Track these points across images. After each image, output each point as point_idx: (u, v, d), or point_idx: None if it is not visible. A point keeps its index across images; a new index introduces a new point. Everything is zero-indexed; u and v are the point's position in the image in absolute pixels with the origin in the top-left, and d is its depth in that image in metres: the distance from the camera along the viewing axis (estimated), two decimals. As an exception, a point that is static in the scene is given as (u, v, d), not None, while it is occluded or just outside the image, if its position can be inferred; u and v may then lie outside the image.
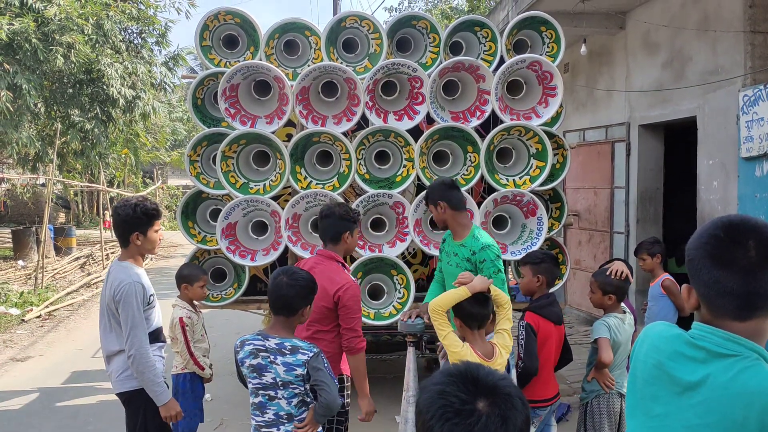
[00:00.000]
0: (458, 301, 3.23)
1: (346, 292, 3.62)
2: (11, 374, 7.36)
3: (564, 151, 5.46)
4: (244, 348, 2.97)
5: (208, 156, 5.43)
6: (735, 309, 1.51)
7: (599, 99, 8.86)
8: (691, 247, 1.58)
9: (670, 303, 5.00)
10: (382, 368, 6.74)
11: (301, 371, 2.87)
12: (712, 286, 1.52)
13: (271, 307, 3.04)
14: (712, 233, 1.54)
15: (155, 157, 27.86)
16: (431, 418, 1.24)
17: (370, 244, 5.20)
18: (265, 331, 3.04)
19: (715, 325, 1.54)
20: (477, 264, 3.88)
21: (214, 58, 5.58)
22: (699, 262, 1.54)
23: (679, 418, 1.54)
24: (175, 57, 16.18)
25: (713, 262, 1.52)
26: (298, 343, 2.93)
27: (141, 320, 3.44)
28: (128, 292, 3.43)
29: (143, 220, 3.53)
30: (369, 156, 5.23)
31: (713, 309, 1.54)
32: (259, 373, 2.91)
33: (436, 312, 3.23)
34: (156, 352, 3.63)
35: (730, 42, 6.19)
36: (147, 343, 3.46)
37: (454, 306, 3.27)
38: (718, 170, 6.39)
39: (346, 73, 5.02)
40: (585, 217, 9.14)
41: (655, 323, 1.74)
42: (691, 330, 1.60)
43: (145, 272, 3.65)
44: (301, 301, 3.01)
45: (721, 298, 1.51)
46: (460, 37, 5.63)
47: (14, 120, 12.50)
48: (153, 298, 3.61)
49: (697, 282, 1.56)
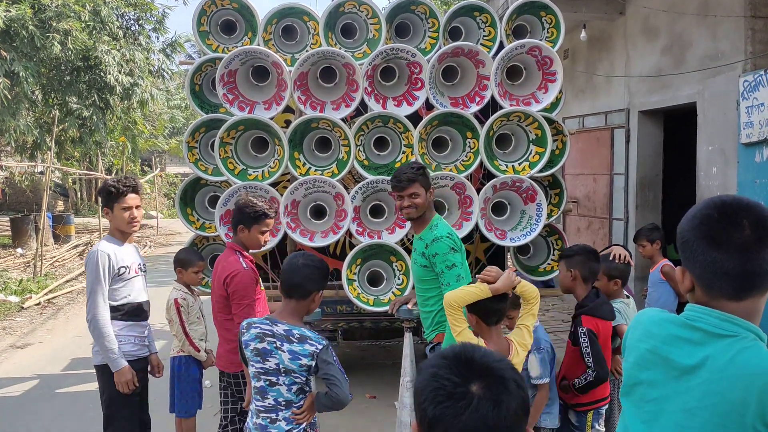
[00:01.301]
0: (477, 300, 2.97)
1: (233, 278, 3.67)
2: (11, 361, 7.38)
3: (563, 137, 5.44)
4: (250, 330, 2.95)
5: (206, 142, 5.41)
6: (732, 289, 1.50)
7: (599, 85, 8.83)
8: (684, 229, 1.56)
9: (670, 289, 5.02)
10: (381, 354, 6.76)
11: (306, 362, 2.84)
12: (708, 267, 1.50)
13: (283, 290, 3.02)
14: (705, 214, 1.53)
15: (153, 145, 27.79)
16: (424, 400, 1.23)
17: (369, 230, 5.19)
18: (273, 315, 3.01)
19: (710, 306, 1.53)
20: (430, 259, 3.64)
21: (212, 44, 5.54)
22: (693, 244, 1.53)
23: (676, 402, 1.54)
24: (172, 44, 16.13)
25: (708, 243, 1.50)
26: (307, 333, 2.90)
27: (100, 287, 3.60)
28: (90, 259, 3.63)
29: (107, 196, 3.72)
30: (368, 142, 5.21)
31: (709, 290, 1.53)
32: (263, 357, 2.89)
33: (452, 307, 2.99)
34: (126, 331, 3.76)
35: (730, 27, 6.16)
36: (104, 310, 3.61)
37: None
38: (717, 156, 6.38)
39: (345, 59, 4.99)
40: (584, 204, 9.14)
41: (646, 309, 1.73)
42: (684, 312, 1.60)
43: (129, 248, 3.83)
44: (314, 284, 2.99)
45: (718, 279, 1.50)
46: (460, 23, 5.60)
47: (12, 107, 12.48)
48: (126, 272, 3.73)
49: (692, 264, 1.55)
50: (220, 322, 3.82)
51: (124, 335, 3.74)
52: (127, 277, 3.74)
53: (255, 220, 3.77)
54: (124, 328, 3.75)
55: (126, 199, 3.74)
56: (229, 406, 3.87)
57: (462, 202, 5.14)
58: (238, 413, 3.85)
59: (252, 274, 3.76)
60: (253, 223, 3.77)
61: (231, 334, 3.70)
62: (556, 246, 5.59)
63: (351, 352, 7.11)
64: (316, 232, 5.12)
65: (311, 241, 5.04)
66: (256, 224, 3.78)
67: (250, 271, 3.75)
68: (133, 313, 3.79)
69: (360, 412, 5.50)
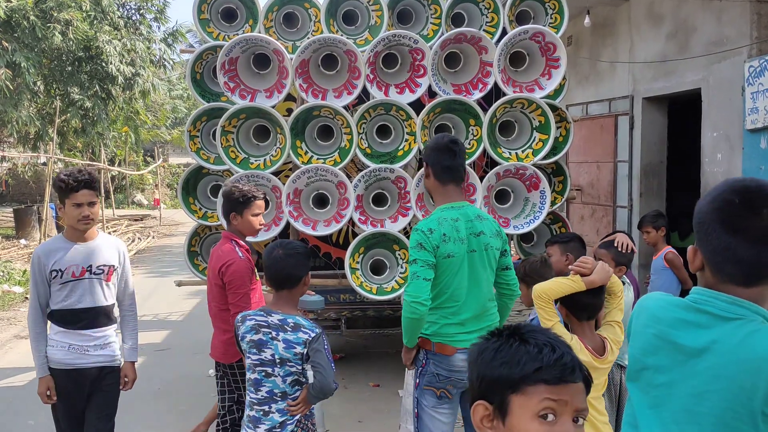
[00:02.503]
0: (570, 293, 2.77)
1: (228, 267, 3.61)
2: (15, 351, 7.40)
3: (567, 125, 5.40)
4: (245, 323, 2.95)
5: (207, 131, 5.38)
6: (742, 276, 1.47)
7: (602, 72, 8.77)
8: (702, 210, 1.53)
9: (673, 276, 5.00)
10: (385, 343, 6.76)
11: (300, 350, 2.84)
12: (721, 252, 1.48)
13: (272, 283, 3.00)
14: (726, 198, 1.49)
15: (156, 135, 27.77)
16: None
17: (372, 219, 5.17)
18: (267, 306, 3.01)
19: (717, 290, 1.51)
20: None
21: (213, 32, 5.51)
22: (709, 226, 1.50)
23: (684, 386, 1.52)
24: (173, 33, 16.07)
25: (725, 227, 1.47)
26: (301, 321, 2.90)
27: (32, 288, 3.44)
28: (31, 262, 3.46)
29: (59, 190, 3.41)
30: (370, 130, 5.18)
31: (719, 274, 1.51)
32: (258, 348, 2.89)
33: (542, 299, 2.78)
34: (57, 336, 3.45)
35: (735, 12, 6.09)
36: (33, 313, 3.43)
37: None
38: (722, 143, 6.33)
39: (347, 46, 4.95)
40: (588, 192, 9.10)
41: (651, 294, 1.71)
42: (690, 295, 1.57)
43: (82, 248, 3.45)
44: (302, 269, 2.98)
45: (730, 264, 1.48)
46: (462, 9, 5.55)
47: (14, 98, 12.47)
48: (57, 275, 3.39)
49: (705, 246, 1.52)
50: (215, 312, 3.78)
51: (57, 341, 3.44)
52: (62, 281, 3.39)
53: (245, 204, 3.72)
54: (57, 333, 3.46)
55: (77, 195, 3.35)
56: (226, 396, 3.86)
57: (465, 190, 5.11)
58: (236, 402, 3.85)
59: (247, 263, 3.71)
60: (244, 207, 3.73)
61: (226, 324, 3.64)
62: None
63: (354, 340, 7.12)
64: (319, 221, 5.11)
65: (314, 230, 5.02)
66: (247, 208, 3.73)
67: (246, 260, 3.71)
68: (65, 320, 3.45)
69: (363, 401, 5.51)
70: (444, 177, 3.32)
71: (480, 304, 3.29)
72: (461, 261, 3.23)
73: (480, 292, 3.28)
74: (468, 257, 3.25)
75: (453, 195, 3.35)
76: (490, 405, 1.24)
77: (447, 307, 3.25)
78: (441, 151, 3.34)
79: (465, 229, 3.25)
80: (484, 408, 1.25)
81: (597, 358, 2.71)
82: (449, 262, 3.20)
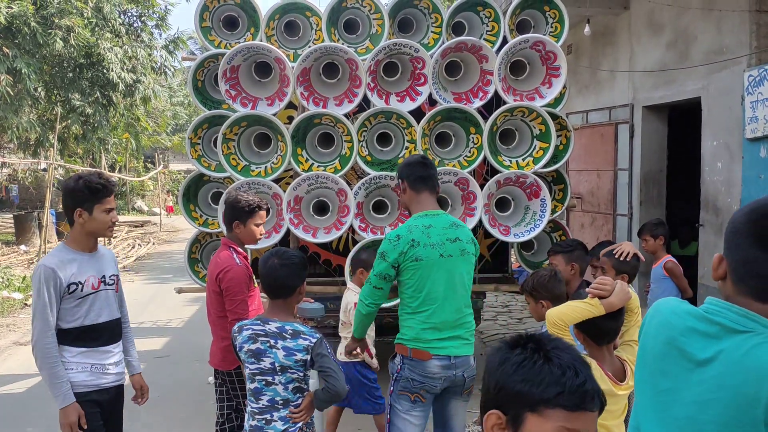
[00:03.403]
0: (589, 317, 2.54)
1: (226, 274, 3.60)
2: (14, 358, 7.38)
3: (567, 133, 5.42)
4: (242, 333, 2.94)
5: (209, 138, 5.40)
6: (762, 291, 1.47)
7: (603, 80, 8.80)
8: (738, 220, 1.53)
9: (673, 285, 4.99)
10: (385, 350, 6.74)
11: (301, 356, 2.83)
12: (746, 263, 1.48)
13: (268, 292, 3.00)
14: (765, 212, 1.48)
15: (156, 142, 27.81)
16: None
17: (372, 226, 5.17)
18: (264, 315, 3.00)
19: (733, 301, 1.51)
20: None
21: (214, 40, 5.53)
22: (741, 237, 1.50)
23: (689, 393, 1.53)
24: (175, 40, 16.10)
25: (757, 241, 1.47)
26: (300, 328, 2.90)
27: (44, 308, 3.03)
28: (35, 277, 3.06)
29: (86, 195, 3.14)
30: (371, 138, 5.20)
31: (739, 285, 1.51)
32: (257, 358, 2.88)
33: (557, 327, 2.58)
34: (80, 358, 3.14)
35: (735, 21, 6.12)
36: (46, 335, 3.04)
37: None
38: (722, 151, 6.35)
39: (348, 54, 4.97)
40: (588, 200, 9.11)
41: (667, 299, 1.71)
42: (704, 305, 1.58)
43: (92, 259, 3.23)
44: (297, 279, 2.98)
45: (752, 277, 1.48)
46: (463, 18, 5.57)
47: (14, 104, 12.48)
48: (77, 288, 3.12)
49: (732, 255, 1.52)
50: (214, 319, 3.78)
51: (76, 363, 3.13)
52: (81, 295, 3.13)
53: (250, 213, 3.74)
54: (76, 355, 3.14)
55: (109, 200, 3.21)
56: (224, 403, 3.86)
57: (465, 198, 5.12)
58: (234, 410, 3.84)
59: (245, 270, 3.70)
60: (248, 216, 3.74)
61: (225, 331, 3.60)
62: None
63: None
64: (319, 228, 5.11)
65: (314, 237, 5.03)
66: (251, 217, 3.74)
67: (243, 267, 3.70)
68: (86, 338, 3.17)
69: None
70: (418, 186, 3.49)
71: (456, 308, 3.39)
72: (432, 265, 3.33)
73: (455, 297, 3.39)
74: (443, 262, 3.36)
75: (427, 204, 3.50)
76: (503, 415, 1.26)
77: (423, 311, 3.36)
78: (413, 165, 3.55)
79: (439, 235, 3.38)
80: (497, 417, 1.27)
81: (617, 384, 2.55)
82: (418, 265, 3.33)
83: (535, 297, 3.32)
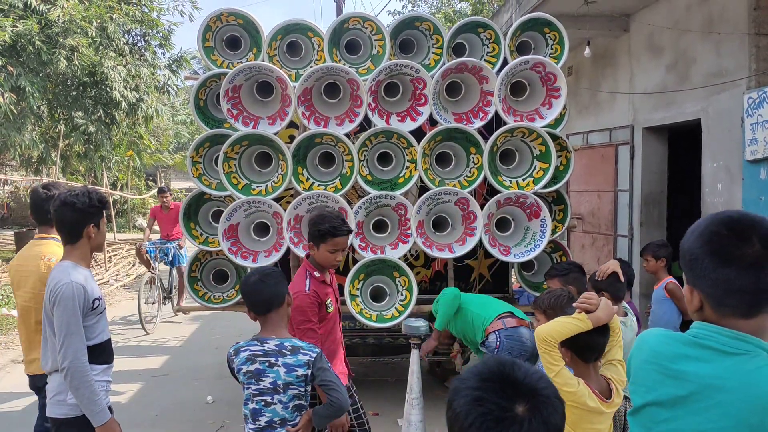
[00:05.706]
0: (577, 333, 2.59)
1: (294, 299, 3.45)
2: (12, 376, 7.34)
3: (567, 153, 5.43)
4: (239, 355, 2.90)
5: (210, 157, 5.42)
6: (745, 306, 1.47)
7: (603, 102, 8.83)
8: (691, 246, 1.53)
9: (674, 306, 4.97)
10: (384, 371, 6.71)
11: (302, 372, 2.82)
12: (720, 284, 1.47)
13: (257, 311, 2.96)
14: (713, 230, 1.50)
15: (158, 160, 27.84)
16: (470, 426, 1.20)
17: (372, 245, 5.17)
18: (259, 335, 2.96)
19: (720, 325, 1.50)
20: None
21: (217, 60, 5.57)
22: (703, 261, 1.49)
23: (688, 422, 1.50)
24: (178, 60, 16.18)
25: (720, 260, 1.47)
26: (298, 343, 2.89)
27: (78, 327, 2.95)
28: (65, 294, 2.93)
29: (98, 209, 3.10)
30: (371, 157, 5.21)
31: (720, 308, 1.50)
32: (257, 378, 2.86)
33: (547, 343, 2.60)
34: (101, 377, 3.08)
35: (734, 44, 6.16)
36: (84, 354, 2.96)
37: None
38: (722, 173, 6.35)
39: (349, 74, 5.00)
40: (588, 221, 9.11)
41: (650, 330, 1.70)
42: (691, 330, 1.56)
43: (91, 274, 3.14)
44: (282, 287, 2.97)
45: (731, 296, 1.47)
46: (464, 39, 5.61)
47: (17, 122, 12.53)
48: (99, 304, 3.08)
49: (702, 281, 1.51)
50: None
51: (100, 381, 3.07)
52: (101, 310, 3.10)
53: (327, 236, 3.58)
54: (99, 373, 3.07)
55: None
56: None
57: (466, 218, 5.12)
58: None
59: (311, 297, 3.50)
60: (320, 241, 3.59)
61: None
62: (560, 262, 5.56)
63: (354, 368, 7.03)
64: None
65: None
66: (324, 243, 3.58)
67: (312, 293, 3.51)
68: (105, 354, 3.14)
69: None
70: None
71: None
72: None
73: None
74: None
75: None
76: None
77: None
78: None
79: None
80: None
81: (604, 402, 2.58)
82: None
83: (548, 315, 3.30)
